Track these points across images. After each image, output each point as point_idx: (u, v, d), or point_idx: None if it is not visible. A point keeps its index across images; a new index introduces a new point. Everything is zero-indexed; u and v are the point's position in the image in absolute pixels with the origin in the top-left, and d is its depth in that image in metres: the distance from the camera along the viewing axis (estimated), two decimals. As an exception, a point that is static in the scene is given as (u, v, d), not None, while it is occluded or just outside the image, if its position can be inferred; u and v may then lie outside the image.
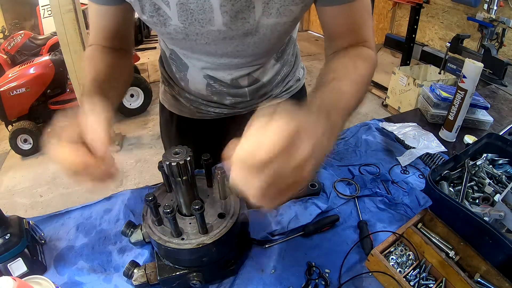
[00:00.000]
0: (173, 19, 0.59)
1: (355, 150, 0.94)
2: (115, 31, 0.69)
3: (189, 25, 0.60)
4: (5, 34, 3.96)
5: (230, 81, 0.77)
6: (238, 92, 0.81)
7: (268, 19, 0.60)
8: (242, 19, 0.59)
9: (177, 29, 0.61)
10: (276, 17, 0.60)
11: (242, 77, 0.77)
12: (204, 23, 0.59)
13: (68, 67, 2.46)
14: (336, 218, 0.70)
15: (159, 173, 0.59)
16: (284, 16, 0.60)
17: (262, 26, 0.61)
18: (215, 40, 0.63)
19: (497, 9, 2.65)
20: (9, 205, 2.40)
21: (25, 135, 2.85)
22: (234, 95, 0.82)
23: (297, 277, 0.61)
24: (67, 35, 2.31)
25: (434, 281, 0.60)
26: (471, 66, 0.89)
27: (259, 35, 0.63)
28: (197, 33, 0.61)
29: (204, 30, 0.61)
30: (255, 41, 0.65)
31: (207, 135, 0.93)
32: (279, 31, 0.63)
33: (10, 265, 0.59)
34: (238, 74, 0.76)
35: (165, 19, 0.60)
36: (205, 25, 0.60)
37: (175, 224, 0.53)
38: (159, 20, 0.60)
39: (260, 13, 0.59)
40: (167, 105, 0.94)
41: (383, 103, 3.44)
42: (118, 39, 0.71)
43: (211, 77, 0.77)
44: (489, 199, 0.71)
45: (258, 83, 0.81)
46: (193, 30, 0.61)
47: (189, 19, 0.59)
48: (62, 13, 2.22)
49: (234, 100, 0.84)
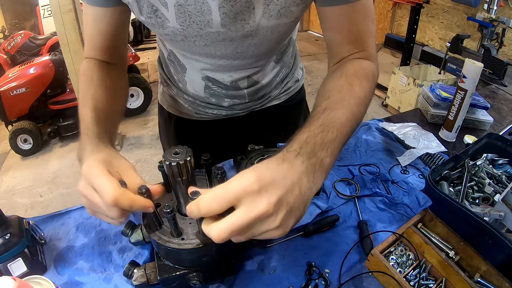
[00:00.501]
0: (171, 21, 0.58)
1: (355, 150, 0.94)
2: (111, 37, 0.67)
3: (187, 27, 0.59)
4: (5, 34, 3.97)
5: (230, 83, 0.77)
6: (236, 94, 0.81)
7: (269, 21, 0.59)
8: (241, 20, 0.58)
9: (175, 30, 0.60)
10: (276, 19, 0.59)
11: (242, 79, 0.76)
12: (202, 25, 0.58)
13: (68, 67, 2.46)
14: (336, 218, 0.70)
15: (159, 173, 0.59)
16: (285, 18, 0.59)
17: (262, 28, 0.60)
18: (214, 41, 0.62)
19: (497, 9, 2.65)
20: (9, 205, 2.40)
21: (25, 135, 2.85)
22: (233, 97, 0.82)
23: (297, 277, 0.61)
24: (67, 35, 2.31)
25: (434, 281, 0.60)
26: (471, 66, 0.89)
27: (259, 36, 0.62)
28: (196, 35, 0.60)
29: (202, 32, 0.60)
30: (255, 43, 0.64)
31: (206, 136, 0.93)
32: (280, 32, 0.62)
33: (10, 265, 0.59)
34: (238, 76, 0.75)
35: (163, 21, 0.59)
36: (203, 27, 0.59)
37: (175, 224, 0.53)
38: (156, 21, 0.59)
39: (260, 15, 0.57)
40: (166, 106, 0.94)
41: (383, 103, 3.44)
42: (113, 51, 0.69)
43: (210, 78, 0.76)
44: (489, 199, 0.71)
45: (257, 85, 0.81)
46: (192, 32, 0.60)
47: (187, 21, 0.58)
48: (62, 13, 2.22)
49: (233, 102, 0.83)
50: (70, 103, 2.94)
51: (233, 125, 0.91)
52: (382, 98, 3.52)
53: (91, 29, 0.67)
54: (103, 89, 0.63)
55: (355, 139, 0.99)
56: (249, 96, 0.83)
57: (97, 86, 0.63)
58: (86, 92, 0.62)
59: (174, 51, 0.76)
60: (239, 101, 0.83)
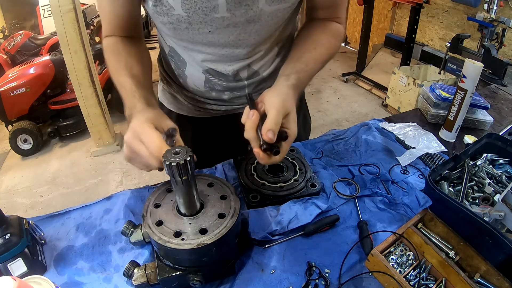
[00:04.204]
0: (176, 9, 0.61)
1: (355, 150, 0.94)
2: (127, 16, 0.72)
3: (193, 13, 0.62)
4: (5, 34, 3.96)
5: (231, 73, 0.77)
6: (237, 85, 0.81)
7: (270, 6, 0.63)
8: (246, 6, 0.62)
9: (180, 18, 0.62)
10: (277, 4, 0.64)
11: (243, 68, 0.78)
12: (208, 11, 0.61)
13: (68, 67, 2.47)
14: (336, 218, 0.71)
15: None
16: (284, 3, 0.64)
17: (264, 13, 0.64)
18: (218, 28, 0.65)
19: (497, 9, 2.65)
20: (9, 205, 2.40)
21: (25, 135, 2.85)
22: (233, 89, 0.82)
23: (297, 277, 0.61)
24: (67, 35, 2.31)
25: (434, 281, 0.60)
26: (471, 66, 0.89)
27: (261, 22, 0.66)
28: (201, 21, 0.63)
29: (208, 18, 0.63)
30: (257, 29, 0.67)
31: (206, 133, 0.93)
32: (278, 17, 0.68)
33: (10, 265, 0.59)
34: (239, 65, 0.76)
35: (168, 9, 0.61)
36: (209, 13, 0.62)
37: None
38: (162, 9, 0.62)
39: (263, 1, 0.62)
40: (166, 103, 0.95)
41: (383, 103, 3.44)
42: (130, 27, 0.74)
43: (211, 71, 0.77)
44: (489, 199, 0.71)
45: (258, 76, 0.81)
46: (197, 19, 0.63)
47: (193, 8, 0.61)
48: (62, 13, 2.23)
49: (233, 94, 0.84)
50: (70, 103, 2.94)
51: (233, 122, 0.91)
52: (382, 98, 3.52)
53: (107, 10, 0.71)
54: (133, 58, 0.69)
55: (355, 139, 0.99)
56: (249, 88, 0.83)
57: (127, 56, 0.69)
58: (116, 63, 0.68)
59: (175, 44, 0.76)
60: (239, 93, 0.84)
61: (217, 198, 0.62)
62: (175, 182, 0.53)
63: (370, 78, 3.82)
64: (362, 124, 1.07)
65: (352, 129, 1.04)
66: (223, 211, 0.59)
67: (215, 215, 0.58)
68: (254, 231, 0.67)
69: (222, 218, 0.57)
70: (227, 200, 0.61)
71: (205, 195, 0.62)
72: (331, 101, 3.68)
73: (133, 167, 0.61)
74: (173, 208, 0.60)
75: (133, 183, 2.53)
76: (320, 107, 3.54)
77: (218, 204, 0.60)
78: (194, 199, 0.57)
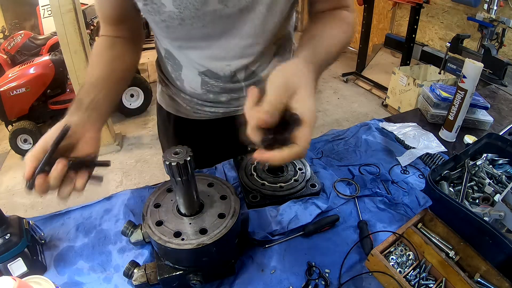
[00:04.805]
0: (167, 6, 0.60)
1: (355, 150, 0.94)
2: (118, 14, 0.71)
3: (184, 9, 0.61)
4: (5, 34, 3.96)
5: (228, 73, 0.77)
6: (234, 87, 0.81)
7: None
8: None
9: (172, 15, 0.62)
10: None
11: (240, 69, 0.77)
12: (199, 5, 0.60)
13: (68, 67, 2.46)
14: (336, 218, 0.71)
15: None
16: None
17: (258, 3, 0.63)
18: (211, 21, 0.64)
19: (497, 9, 2.65)
20: (9, 205, 2.40)
21: (25, 135, 2.85)
22: (230, 91, 0.82)
23: (297, 277, 0.61)
24: (67, 35, 2.31)
25: (434, 281, 0.60)
26: (471, 66, 0.89)
27: (254, 12, 0.65)
28: (193, 16, 0.62)
29: (199, 12, 0.62)
30: (252, 18, 0.66)
31: (205, 136, 0.93)
32: (275, 11, 0.66)
33: (10, 265, 0.59)
34: (236, 65, 0.75)
35: (159, 6, 0.61)
36: (200, 7, 0.61)
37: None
38: (153, 8, 0.61)
39: None
40: (164, 105, 0.94)
41: (383, 103, 3.44)
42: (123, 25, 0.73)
43: (207, 72, 0.77)
44: (489, 199, 0.71)
45: (255, 77, 0.81)
46: (189, 14, 0.62)
47: (184, 3, 0.60)
48: (62, 13, 2.23)
49: (230, 96, 0.83)
50: (70, 103, 2.90)
51: (231, 124, 0.91)
52: (382, 98, 3.52)
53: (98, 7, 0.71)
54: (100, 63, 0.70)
55: (355, 139, 0.99)
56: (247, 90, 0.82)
57: (93, 62, 0.70)
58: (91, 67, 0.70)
59: (170, 45, 0.76)
60: (237, 95, 0.83)
61: (217, 198, 0.62)
62: (175, 182, 0.53)
63: (370, 78, 3.82)
64: (362, 124, 1.07)
65: (352, 129, 1.04)
66: (223, 211, 0.59)
67: (215, 215, 0.58)
68: (254, 231, 0.67)
69: (222, 218, 0.57)
70: (227, 200, 0.61)
71: (205, 195, 0.62)
72: (331, 101, 3.68)
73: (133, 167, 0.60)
74: (173, 208, 0.60)
75: (133, 183, 2.53)
76: (320, 107, 3.54)
77: (218, 204, 0.60)
78: (194, 199, 0.57)
